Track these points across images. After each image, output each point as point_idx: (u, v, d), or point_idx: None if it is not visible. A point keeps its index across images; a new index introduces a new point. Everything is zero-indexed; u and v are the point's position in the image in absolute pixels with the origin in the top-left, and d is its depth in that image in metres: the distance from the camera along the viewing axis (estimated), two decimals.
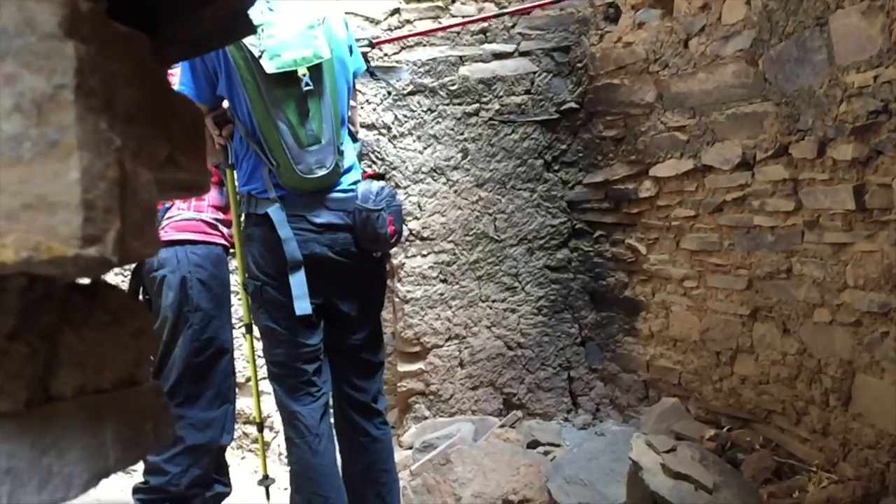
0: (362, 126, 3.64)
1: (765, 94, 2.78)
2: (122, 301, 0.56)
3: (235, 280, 2.83)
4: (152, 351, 0.62)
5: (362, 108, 3.72)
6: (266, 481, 2.66)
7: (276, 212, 2.18)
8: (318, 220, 2.21)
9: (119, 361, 0.56)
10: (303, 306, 2.16)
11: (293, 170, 2.13)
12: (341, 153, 2.21)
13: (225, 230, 2.59)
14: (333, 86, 2.17)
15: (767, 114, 2.77)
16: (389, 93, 3.80)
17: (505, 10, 3.66)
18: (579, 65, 3.82)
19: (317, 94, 2.11)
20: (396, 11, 3.81)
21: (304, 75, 2.07)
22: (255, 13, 2.07)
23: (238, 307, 3.63)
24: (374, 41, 3.05)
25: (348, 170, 2.30)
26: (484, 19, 3.70)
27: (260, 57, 2.03)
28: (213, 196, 2.57)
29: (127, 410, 0.56)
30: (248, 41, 2.03)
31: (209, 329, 2.48)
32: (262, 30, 2.05)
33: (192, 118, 0.64)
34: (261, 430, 2.76)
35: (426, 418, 3.82)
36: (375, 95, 3.79)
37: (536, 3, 3.64)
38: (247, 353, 3.78)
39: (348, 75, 2.31)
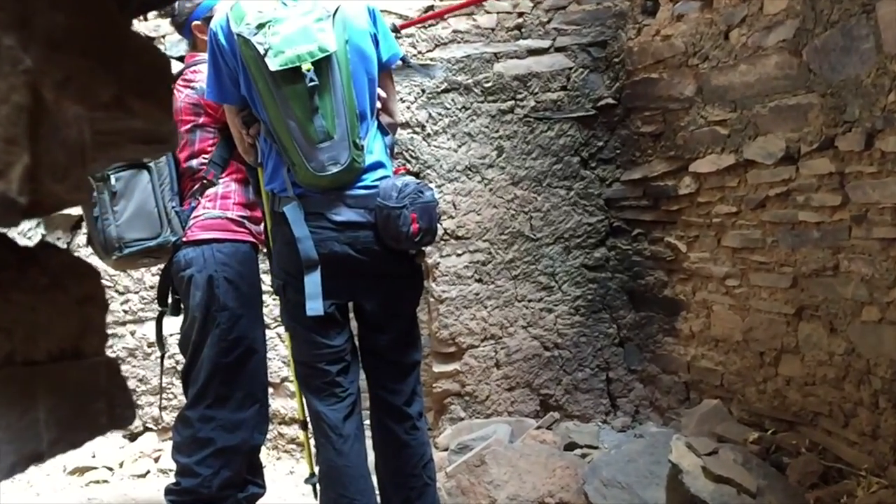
0: None
1: (809, 85, 2.69)
2: (67, 264, 0.51)
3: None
4: (103, 320, 0.57)
5: None
6: (313, 479, 2.63)
7: (291, 210, 2.14)
8: (337, 219, 2.16)
9: (59, 330, 0.51)
10: (314, 307, 2.11)
11: (306, 167, 2.09)
12: (360, 148, 2.14)
13: (253, 227, 2.57)
14: (348, 79, 2.09)
15: (812, 105, 2.68)
16: (423, 91, 3.77)
17: None
18: (616, 60, 3.75)
19: (326, 88, 2.05)
20: (430, 8, 3.78)
21: (309, 70, 2.01)
22: (268, 9, 2.05)
23: (275, 306, 3.63)
24: (398, 26, 2.99)
25: (374, 166, 2.23)
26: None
27: (265, 55, 2.00)
28: (238, 193, 2.55)
29: (67, 386, 0.51)
30: (256, 39, 2.00)
31: (237, 328, 2.45)
32: (269, 26, 2.02)
33: (154, 65, 0.59)
34: (304, 427, 2.72)
35: (462, 419, 3.77)
36: (409, 94, 3.76)
37: None
38: (284, 353, 3.80)
39: (370, 66, 2.23)
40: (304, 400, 2.66)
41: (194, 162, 2.52)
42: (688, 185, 3.44)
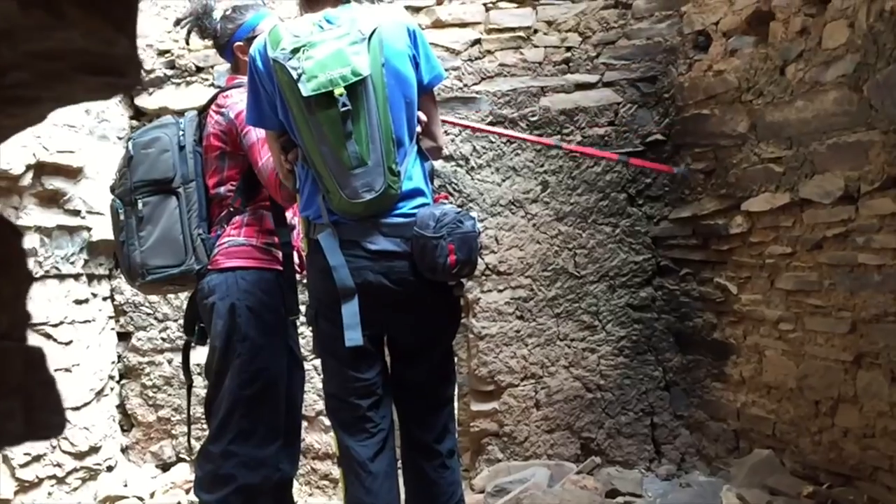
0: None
1: (870, 122, 2.58)
2: None
3: None
4: (20, 294, 0.48)
5: None
6: None
7: (326, 238, 2.07)
8: (372, 247, 2.08)
9: None
10: (353, 337, 2.02)
11: (340, 194, 2.02)
12: (396, 175, 2.06)
13: (280, 255, 2.52)
14: (384, 103, 2.02)
15: (873, 143, 2.57)
16: None
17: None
18: (666, 95, 3.67)
19: (360, 113, 1.99)
20: (477, 42, 3.76)
21: (342, 95, 1.95)
22: (303, 33, 2.02)
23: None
24: None
25: (412, 193, 2.15)
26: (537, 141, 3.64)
27: (298, 80, 1.96)
28: (265, 221, 2.51)
29: None
30: (290, 64, 1.96)
31: (258, 360, 2.37)
32: (304, 51, 1.98)
33: None
34: (340, 464, 2.64)
35: (499, 461, 3.66)
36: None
37: None
38: (319, 386, 3.73)
39: (408, 89, 2.14)
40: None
41: (222, 189, 2.49)
42: (739, 224, 3.33)
